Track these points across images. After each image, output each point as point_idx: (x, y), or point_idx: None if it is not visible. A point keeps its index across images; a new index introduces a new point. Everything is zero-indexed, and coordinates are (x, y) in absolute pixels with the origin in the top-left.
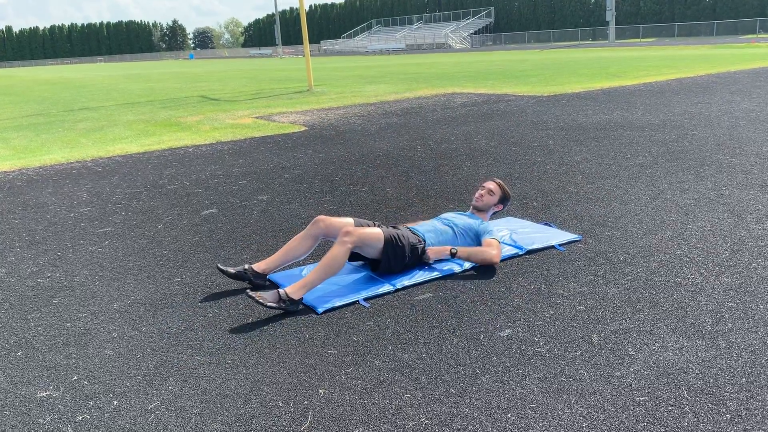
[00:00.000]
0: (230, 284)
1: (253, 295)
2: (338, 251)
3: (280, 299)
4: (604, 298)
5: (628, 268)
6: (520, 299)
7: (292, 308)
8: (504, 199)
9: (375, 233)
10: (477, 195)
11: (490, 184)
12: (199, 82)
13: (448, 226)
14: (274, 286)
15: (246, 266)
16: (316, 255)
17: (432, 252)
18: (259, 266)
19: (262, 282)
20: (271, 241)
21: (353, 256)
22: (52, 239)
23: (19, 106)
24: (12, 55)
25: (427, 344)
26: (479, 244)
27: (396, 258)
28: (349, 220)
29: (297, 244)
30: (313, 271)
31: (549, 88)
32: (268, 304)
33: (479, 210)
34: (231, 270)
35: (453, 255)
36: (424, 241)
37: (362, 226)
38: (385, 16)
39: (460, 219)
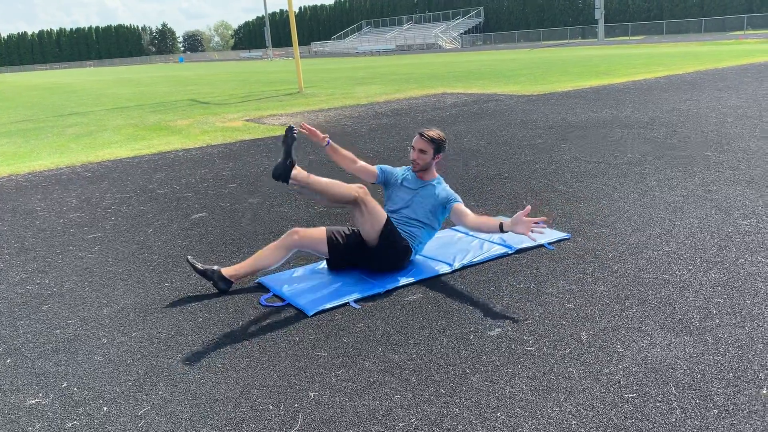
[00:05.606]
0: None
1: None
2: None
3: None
4: (593, 295)
5: (616, 266)
6: (509, 298)
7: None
8: (438, 148)
9: (380, 212)
10: (412, 159)
11: (419, 143)
12: (189, 85)
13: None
14: (265, 290)
15: (215, 267)
16: (302, 261)
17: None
18: (227, 271)
19: (226, 287)
20: (262, 244)
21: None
22: (42, 245)
23: (8, 112)
24: (0, 61)
25: (417, 345)
26: (445, 210)
27: (393, 246)
28: (322, 230)
29: (269, 253)
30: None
31: (538, 87)
32: (198, 267)
33: (422, 171)
34: (199, 266)
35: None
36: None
37: (334, 234)
38: (375, 17)
39: (416, 200)
